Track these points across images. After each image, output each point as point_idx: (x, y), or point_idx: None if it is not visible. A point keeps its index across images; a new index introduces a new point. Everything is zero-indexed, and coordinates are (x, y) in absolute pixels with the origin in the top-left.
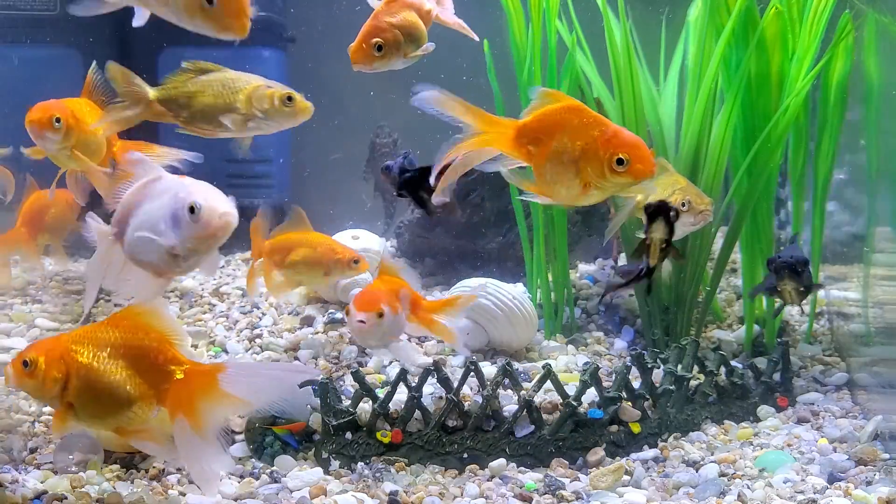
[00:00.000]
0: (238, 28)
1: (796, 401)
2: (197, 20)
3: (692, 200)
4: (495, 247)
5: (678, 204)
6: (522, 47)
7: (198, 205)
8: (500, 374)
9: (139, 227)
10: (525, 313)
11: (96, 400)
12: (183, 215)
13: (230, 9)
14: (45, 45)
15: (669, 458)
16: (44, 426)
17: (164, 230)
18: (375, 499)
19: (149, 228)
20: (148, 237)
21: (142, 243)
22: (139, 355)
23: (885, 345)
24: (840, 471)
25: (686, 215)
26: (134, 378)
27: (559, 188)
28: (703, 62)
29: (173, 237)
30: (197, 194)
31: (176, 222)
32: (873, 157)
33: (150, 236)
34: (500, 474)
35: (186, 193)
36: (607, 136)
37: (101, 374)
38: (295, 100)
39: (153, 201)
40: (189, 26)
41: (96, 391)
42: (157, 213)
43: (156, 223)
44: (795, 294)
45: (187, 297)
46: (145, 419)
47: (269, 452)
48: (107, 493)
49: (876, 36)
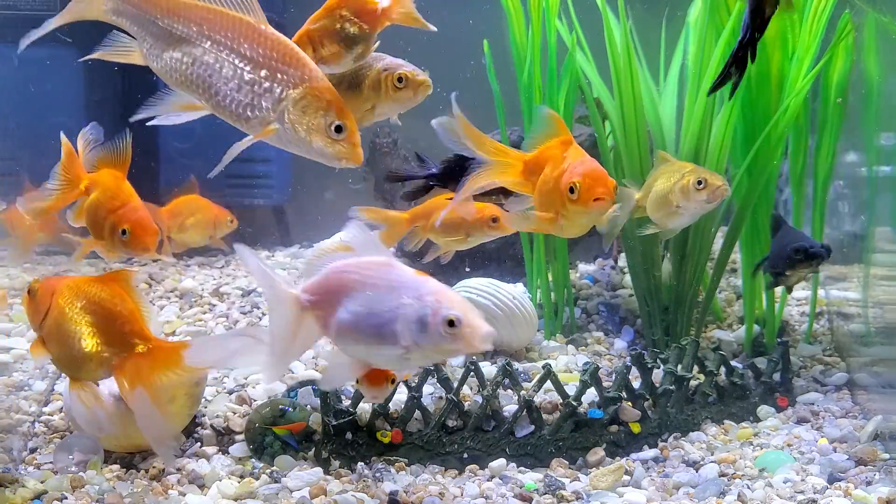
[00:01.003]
0: (356, 157)
1: (796, 401)
2: (320, 148)
3: (706, 178)
4: (495, 247)
5: (692, 184)
6: (522, 47)
7: (458, 321)
8: (500, 374)
9: (364, 316)
10: (525, 313)
11: (57, 342)
12: (436, 327)
13: (354, 139)
14: (45, 45)
15: (669, 458)
16: (44, 426)
17: (402, 332)
18: (375, 499)
19: (379, 323)
20: (377, 332)
21: (366, 335)
22: (108, 318)
23: (885, 345)
24: (840, 471)
25: (702, 193)
26: (94, 337)
27: (547, 222)
28: (703, 62)
29: (411, 340)
30: (455, 308)
31: (422, 328)
32: (873, 157)
33: (382, 332)
34: (500, 474)
35: (440, 304)
36: (571, 166)
37: (68, 320)
38: (408, 79)
39: (386, 293)
40: (306, 153)
41: (59, 334)
42: (394, 309)
43: (390, 320)
44: (799, 281)
45: (187, 297)
46: (95, 378)
47: (269, 452)
48: (107, 493)
49: (876, 36)
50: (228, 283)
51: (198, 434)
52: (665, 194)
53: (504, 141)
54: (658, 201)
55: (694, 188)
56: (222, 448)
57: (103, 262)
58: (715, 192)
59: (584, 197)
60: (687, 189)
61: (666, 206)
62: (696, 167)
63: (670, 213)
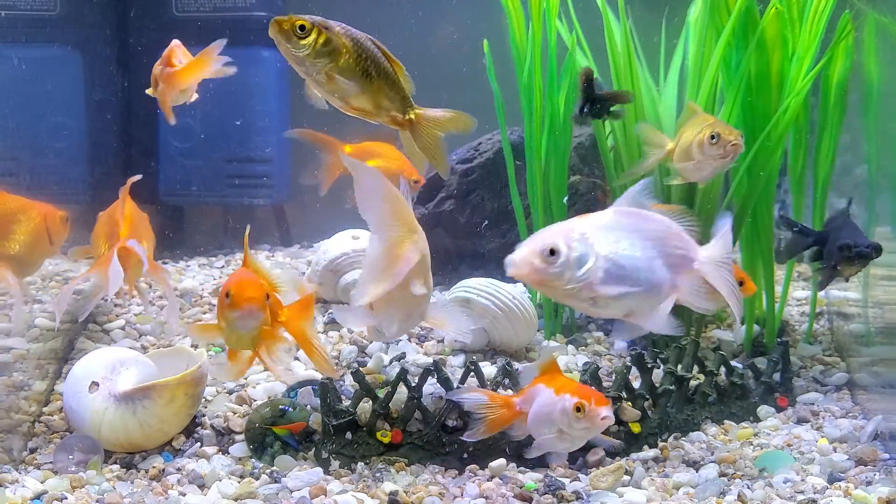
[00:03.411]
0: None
1: (796, 401)
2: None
3: (721, 133)
4: (495, 247)
5: (707, 138)
6: (522, 47)
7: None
8: (500, 374)
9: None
10: (525, 313)
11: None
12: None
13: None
14: (45, 45)
15: (669, 458)
16: (44, 426)
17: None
18: (375, 499)
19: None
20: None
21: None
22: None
23: (885, 345)
24: (840, 471)
25: (715, 148)
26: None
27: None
28: (703, 62)
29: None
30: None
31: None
32: (873, 157)
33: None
34: (500, 474)
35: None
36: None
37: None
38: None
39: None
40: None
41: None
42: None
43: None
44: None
45: (187, 297)
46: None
47: (270, 452)
48: (107, 493)
49: (876, 36)
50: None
51: (198, 434)
52: (686, 147)
53: (504, 140)
54: (681, 153)
55: (708, 142)
56: (222, 448)
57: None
58: (727, 149)
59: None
60: (702, 143)
61: (687, 159)
62: (717, 121)
63: (691, 166)
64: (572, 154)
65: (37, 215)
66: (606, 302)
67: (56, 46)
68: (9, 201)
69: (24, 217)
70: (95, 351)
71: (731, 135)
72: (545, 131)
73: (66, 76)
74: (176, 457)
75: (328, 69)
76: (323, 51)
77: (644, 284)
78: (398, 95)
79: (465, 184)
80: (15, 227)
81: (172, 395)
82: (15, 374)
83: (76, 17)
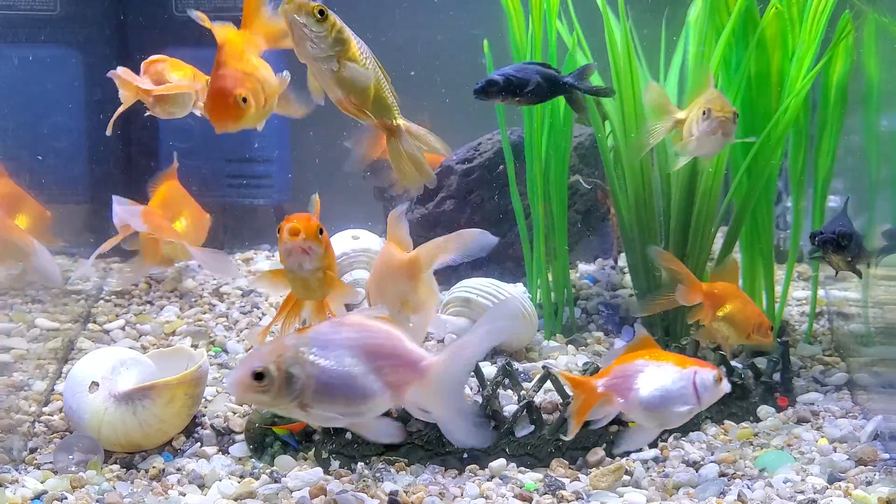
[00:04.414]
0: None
1: (796, 401)
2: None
3: (711, 108)
4: (495, 247)
5: (698, 113)
6: (522, 47)
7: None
8: (500, 374)
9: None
10: (525, 313)
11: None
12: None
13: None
14: (45, 45)
15: (669, 458)
16: (44, 426)
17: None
18: (375, 499)
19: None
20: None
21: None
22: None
23: (885, 345)
24: (840, 471)
25: (706, 123)
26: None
27: None
28: (703, 62)
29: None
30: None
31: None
32: (873, 157)
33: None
34: (500, 474)
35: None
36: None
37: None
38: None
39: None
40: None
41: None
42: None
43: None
44: (844, 264)
45: (187, 297)
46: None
47: (270, 452)
48: (107, 493)
49: (876, 36)
50: (228, 283)
51: (198, 434)
52: (689, 122)
53: (504, 140)
54: (686, 128)
55: (701, 118)
56: (222, 448)
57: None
58: (713, 123)
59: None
60: (698, 119)
61: (687, 134)
62: (717, 98)
63: (694, 143)
64: (572, 154)
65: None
66: (323, 416)
67: (56, 46)
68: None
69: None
70: (95, 351)
71: (721, 111)
72: (545, 131)
73: (66, 76)
74: (176, 457)
75: (340, 55)
76: (339, 38)
77: (359, 399)
78: (389, 101)
79: (465, 184)
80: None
81: (172, 395)
82: (15, 374)
83: (76, 17)
